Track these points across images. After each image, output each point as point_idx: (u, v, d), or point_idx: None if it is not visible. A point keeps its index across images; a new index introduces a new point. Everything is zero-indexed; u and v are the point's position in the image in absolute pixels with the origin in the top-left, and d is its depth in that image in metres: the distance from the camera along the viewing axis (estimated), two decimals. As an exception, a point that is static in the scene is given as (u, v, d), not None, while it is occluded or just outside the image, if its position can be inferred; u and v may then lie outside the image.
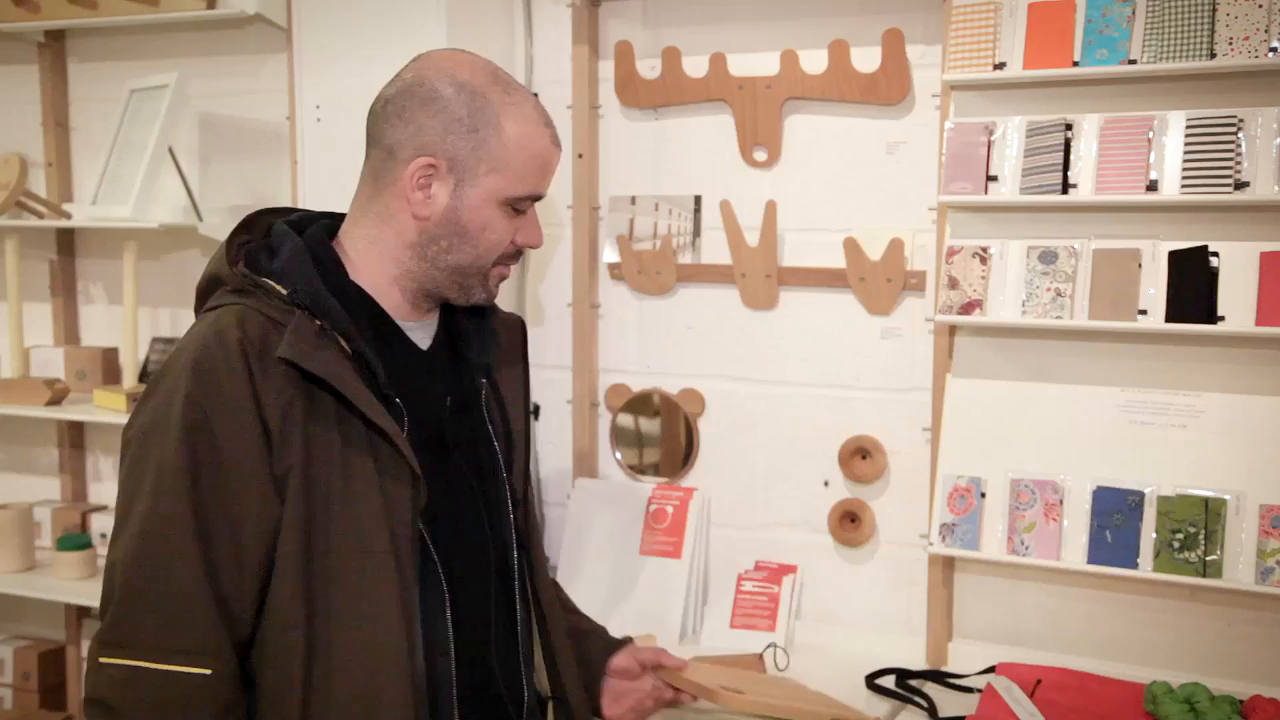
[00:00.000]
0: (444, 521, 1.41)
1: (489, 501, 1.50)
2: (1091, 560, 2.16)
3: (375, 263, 1.43)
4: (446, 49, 1.49)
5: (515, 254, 1.47)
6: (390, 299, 1.44)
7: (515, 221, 1.44)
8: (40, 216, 3.00)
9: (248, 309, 1.34)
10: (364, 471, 1.33)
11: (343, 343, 1.35)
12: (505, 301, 1.86)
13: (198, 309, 1.44)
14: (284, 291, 1.35)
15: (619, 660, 1.70)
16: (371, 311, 1.43)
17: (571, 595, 1.84)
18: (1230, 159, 2.06)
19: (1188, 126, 2.09)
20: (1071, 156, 2.18)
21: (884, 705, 2.19)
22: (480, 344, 1.54)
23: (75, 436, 3.26)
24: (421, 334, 1.48)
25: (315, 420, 1.32)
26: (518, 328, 1.67)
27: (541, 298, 2.78)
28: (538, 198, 1.45)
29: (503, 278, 1.48)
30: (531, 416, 1.68)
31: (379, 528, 1.33)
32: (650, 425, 2.72)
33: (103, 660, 1.27)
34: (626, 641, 1.76)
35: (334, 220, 1.49)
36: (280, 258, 1.39)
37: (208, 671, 1.27)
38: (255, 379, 1.29)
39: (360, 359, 1.36)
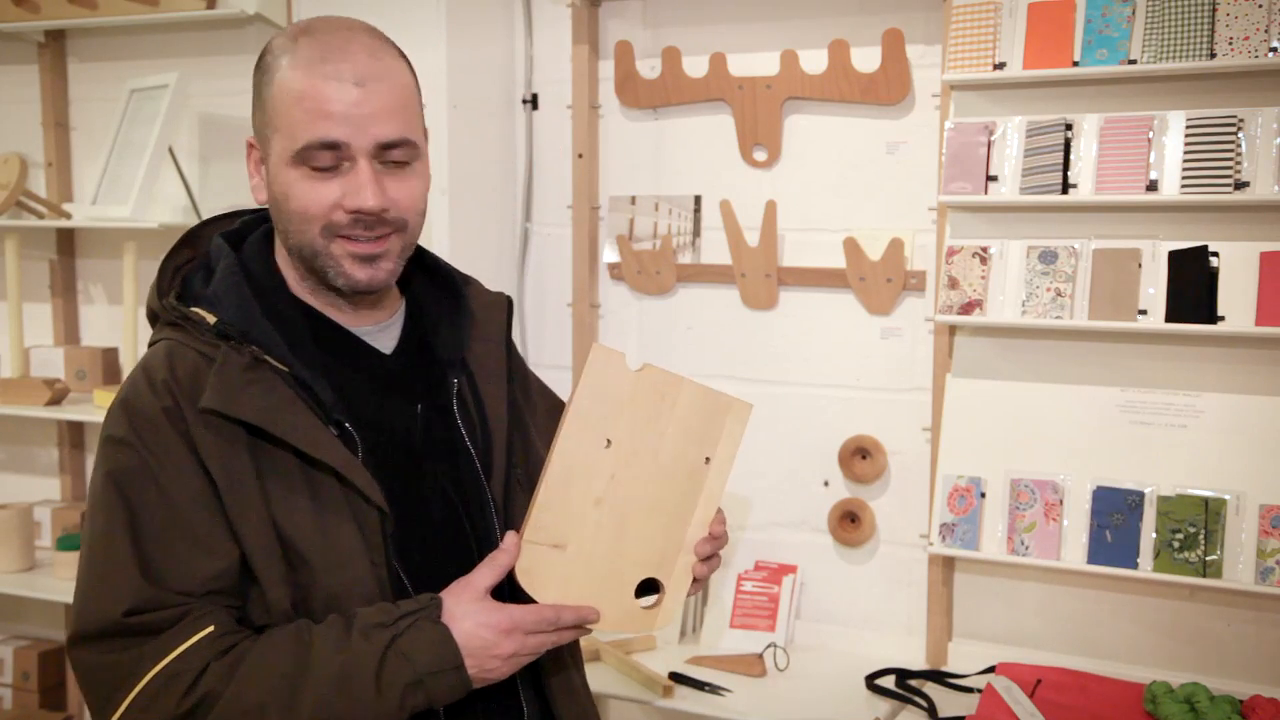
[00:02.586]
0: (417, 544, 1.30)
1: (470, 513, 1.35)
2: (1091, 560, 2.16)
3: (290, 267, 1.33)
4: None
5: (353, 223, 1.25)
6: (324, 304, 1.33)
7: (328, 184, 1.24)
8: (40, 216, 3.00)
9: (178, 345, 1.26)
10: (336, 510, 1.23)
11: (282, 368, 1.25)
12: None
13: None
14: (211, 321, 1.25)
15: None
16: (317, 325, 1.32)
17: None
18: (1230, 159, 2.06)
19: (1187, 126, 2.09)
20: (1071, 156, 2.18)
21: (884, 705, 2.19)
22: (453, 334, 1.40)
23: (75, 436, 3.27)
24: (384, 336, 1.36)
25: (270, 472, 1.22)
26: (500, 308, 1.47)
27: (542, 298, 2.78)
28: (329, 145, 1.22)
29: (358, 256, 1.26)
30: (522, 403, 1.48)
31: (360, 564, 1.24)
32: (650, 425, 2.72)
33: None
34: None
35: None
36: (215, 279, 1.30)
37: (210, 628, 1.18)
38: (189, 423, 1.20)
39: (302, 384, 1.25)
